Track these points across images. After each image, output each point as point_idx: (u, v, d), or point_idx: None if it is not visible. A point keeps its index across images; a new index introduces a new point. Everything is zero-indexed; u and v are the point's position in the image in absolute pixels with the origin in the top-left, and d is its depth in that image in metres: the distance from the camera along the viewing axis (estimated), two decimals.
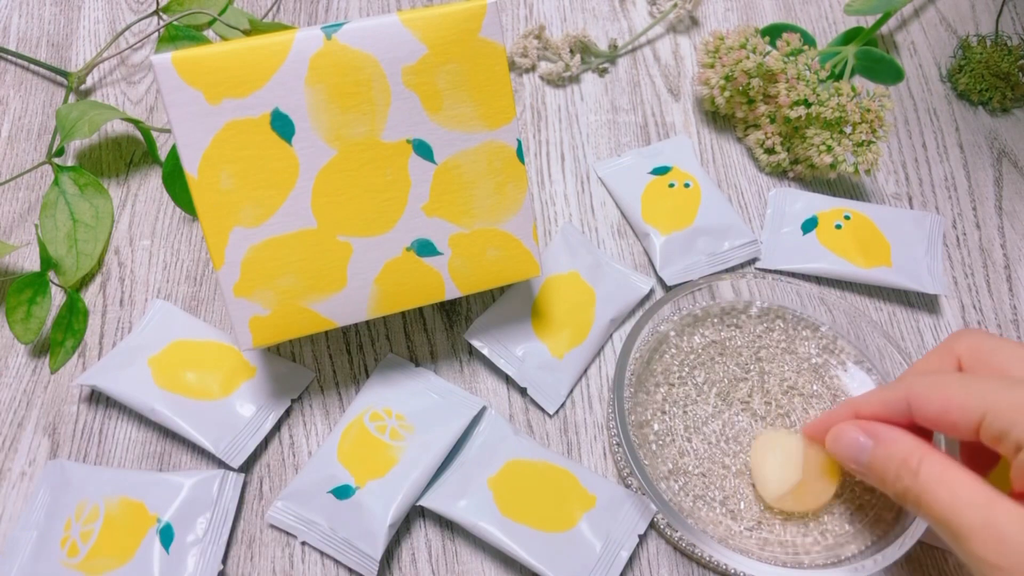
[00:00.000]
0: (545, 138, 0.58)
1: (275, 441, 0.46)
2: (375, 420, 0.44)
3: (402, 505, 0.41)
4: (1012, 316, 0.52)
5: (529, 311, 0.49)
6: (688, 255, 0.52)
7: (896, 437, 0.36)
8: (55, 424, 0.46)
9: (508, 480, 0.43)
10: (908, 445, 0.35)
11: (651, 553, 0.43)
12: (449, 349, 0.49)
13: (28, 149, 0.56)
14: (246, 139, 0.39)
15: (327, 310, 0.41)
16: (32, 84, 0.59)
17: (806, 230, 0.53)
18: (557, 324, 0.48)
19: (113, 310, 0.50)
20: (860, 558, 0.39)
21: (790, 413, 0.45)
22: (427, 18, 0.40)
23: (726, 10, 0.66)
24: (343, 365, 0.48)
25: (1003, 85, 0.60)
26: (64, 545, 0.40)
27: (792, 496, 0.41)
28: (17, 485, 0.44)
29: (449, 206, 0.42)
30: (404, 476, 0.42)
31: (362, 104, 0.39)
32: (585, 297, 0.49)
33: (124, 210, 0.53)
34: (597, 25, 0.64)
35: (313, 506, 0.42)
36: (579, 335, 0.48)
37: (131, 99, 0.59)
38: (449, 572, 0.42)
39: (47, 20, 0.62)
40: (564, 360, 0.47)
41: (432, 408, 0.45)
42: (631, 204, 0.54)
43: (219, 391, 0.45)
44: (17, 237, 0.52)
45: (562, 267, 0.50)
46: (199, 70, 0.38)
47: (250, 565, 0.42)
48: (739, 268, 0.53)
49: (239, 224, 0.39)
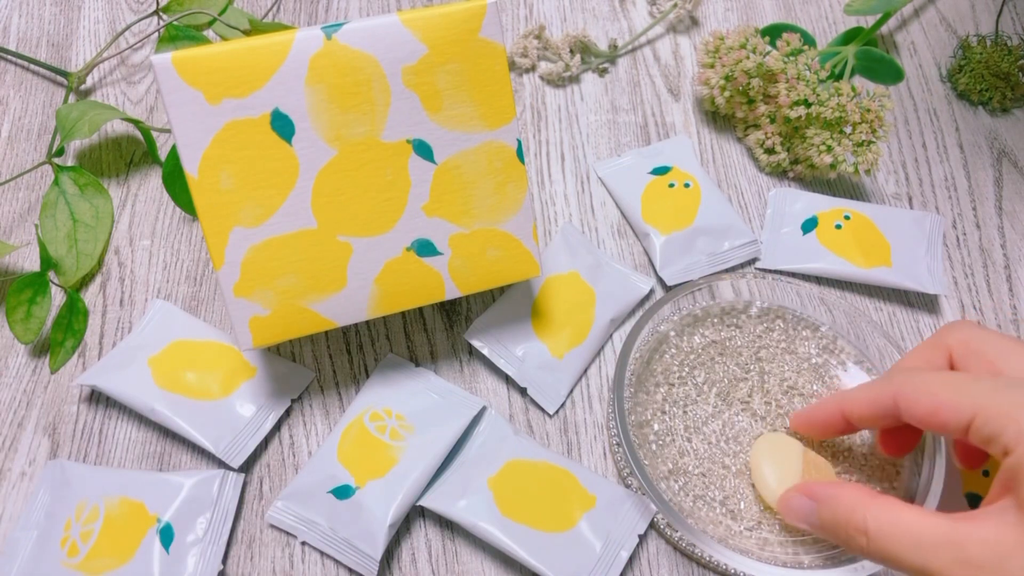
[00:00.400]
0: (545, 138, 0.58)
1: (275, 441, 0.46)
2: (375, 420, 0.44)
3: (402, 505, 0.41)
4: (1012, 316, 0.52)
5: (529, 311, 0.49)
6: (688, 255, 0.52)
7: (835, 494, 0.35)
8: (55, 424, 0.46)
9: (508, 480, 0.43)
10: (849, 502, 0.34)
11: (651, 553, 0.43)
12: (449, 349, 0.49)
13: (28, 149, 0.56)
14: (246, 139, 0.39)
15: (327, 310, 0.41)
16: (32, 84, 0.59)
17: (806, 230, 0.53)
18: (557, 324, 0.48)
19: (113, 310, 0.50)
20: (860, 558, 0.39)
21: (790, 413, 0.45)
22: (427, 18, 0.40)
23: (726, 10, 0.66)
24: (343, 365, 0.48)
25: (1003, 85, 0.60)
26: (64, 545, 0.40)
27: None
28: (17, 485, 0.44)
29: (449, 206, 0.42)
30: (404, 476, 0.42)
31: (362, 104, 0.39)
32: (585, 297, 0.49)
33: (124, 210, 0.53)
34: (597, 25, 0.64)
35: (313, 506, 0.42)
36: (579, 335, 0.48)
37: (131, 99, 0.59)
38: (449, 572, 0.42)
39: (47, 20, 0.62)
40: (564, 360, 0.47)
41: (432, 408, 0.45)
42: (631, 204, 0.54)
43: (219, 391, 0.45)
44: (17, 237, 0.52)
45: (562, 267, 0.50)
46: (199, 70, 0.38)
47: (250, 565, 0.42)
48: (739, 268, 0.53)
49: (239, 224, 0.39)
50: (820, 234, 0.53)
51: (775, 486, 0.41)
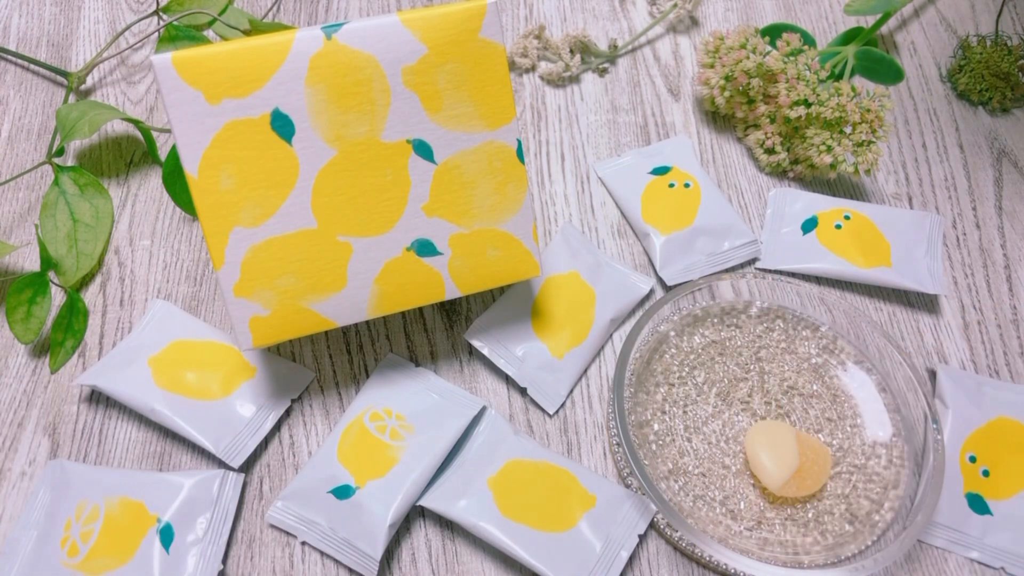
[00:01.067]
0: (545, 138, 0.58)
1: (275, 441, 0.46)
2: (375, 420, 0.44)
3: (402, 505, 0.41)
4: (1012, 316, 0.52)
5: (529, 311, 0.49)
6: (688, 255, 0.52)
7: None
8: (55, 424, 0.46)
9: (508, 480, 0.43)
10: None
11: (651, 553, 0.43)
12: (449, 349, 0.49)
13: (28, 149, 0.56)
14: (246, 139, 0.39)
15: (327, 310, 0.41)
16: (32, 84, 0.59)
17: (806, 230, 0.53)
18: (557, 324, 0.48)
19: (113, 310, 0.50)
20: (860, 558, 0.40)
21: (790, 413, 0.45)
22: (427, 18, 0.40)
23: (726, 10, 0.66)
24: (343, 365, 0.48)
25: (1003, 85, 0.60)
26: (64, 545, 0.40)
27: (795, 481, 0.41)
28: (17, 485, 0.44)
29: (449, 206, 0.42)
30: (404, 476, 0.42)
31: (362, 104, 0.39)
32: (585, 297, 0.49)
33: (124, 210, 0.53)
34: (597, 25, 0.64)
35: (313, 506, 0.42)
36: (579, 335, 0.48)
37: (131, 99, 0.59)
38: (449, 572, 0.42)
39: (47, 20, 0.62)
40: (564, 360, 0.47)
41: (432, 408, 0.45)
42: (631, 204, 0.54)
43: (219, 391, 0.45)
44: (17, 237, 0.52)
45: (562, 267, 0.50)
46: (199, 70, 0.38)
47: (250, 565, 0.42)
48: (739, 268, 0.53)
49: (239, 224, 0.39)
50: (820, 234, 0.53)
51: (775, 470, 0.41)
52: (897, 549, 0.38)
